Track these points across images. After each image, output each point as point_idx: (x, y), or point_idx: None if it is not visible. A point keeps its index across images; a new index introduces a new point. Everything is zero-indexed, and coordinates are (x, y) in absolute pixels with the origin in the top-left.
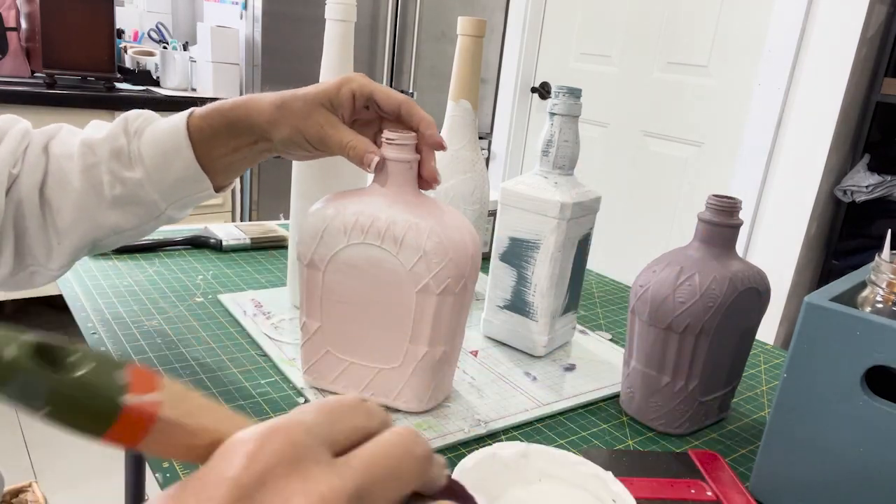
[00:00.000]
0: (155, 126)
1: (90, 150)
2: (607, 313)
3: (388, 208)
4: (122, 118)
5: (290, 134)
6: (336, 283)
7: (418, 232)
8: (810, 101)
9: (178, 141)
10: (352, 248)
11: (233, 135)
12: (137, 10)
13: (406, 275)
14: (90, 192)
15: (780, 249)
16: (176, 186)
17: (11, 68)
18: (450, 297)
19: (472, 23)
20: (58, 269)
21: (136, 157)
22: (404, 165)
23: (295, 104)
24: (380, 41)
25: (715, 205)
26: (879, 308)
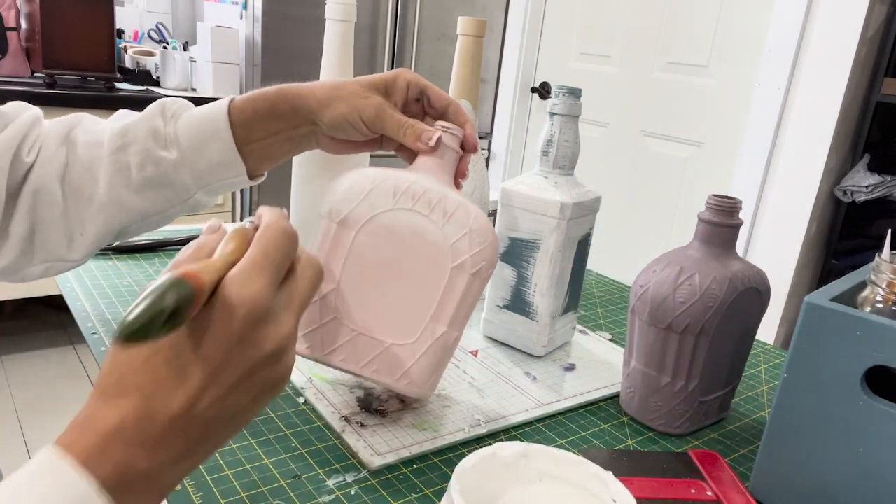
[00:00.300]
0: (192, 111)
1: (121, 134)
2: (607, 313)
3: (439, 184)
4: (159, 103)
5: (346, 112)
6: (367, 246)
7: (467, 211)
8: (810, 101)
9: (217, 123)
10: (397, 213)
11: (275, 117)
12: (137, 10)
13: (447, 249)
14: (117, 177)
15: (780, 249)
16: (210, 170)
17: (11, 68)
18: (478, 280)
19: (472, 23)
20: (80, 259)
21: (171, 138)
22: (452, 154)
23: (351, 86)
24: (380, 41)
25: (715, 205)
26: (879, 308)
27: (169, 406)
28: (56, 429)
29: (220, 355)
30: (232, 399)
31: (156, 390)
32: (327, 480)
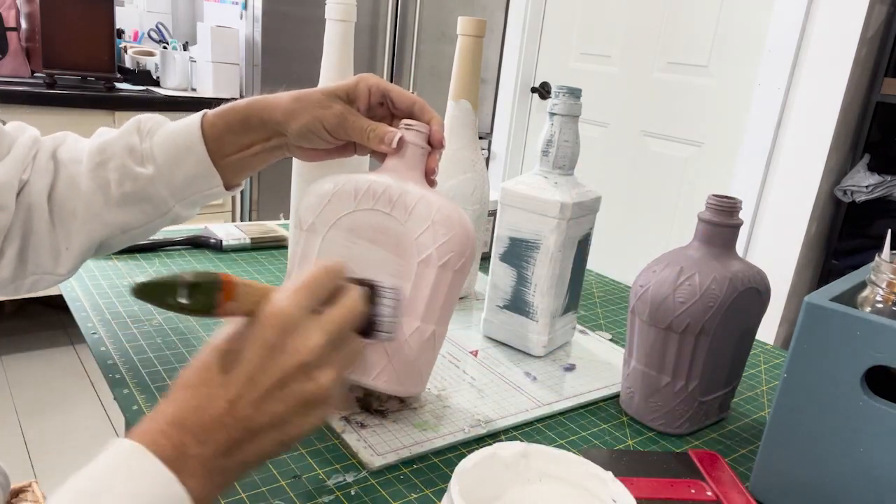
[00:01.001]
0: (167, 127)
1: (100, 151)
2: (607, 313)
3: (400, 182)
4: (135, 120)
5: (308, 122)
6: (334, 250)
7: (428, 203)
8: (810, 101)
9: (191, 138)
10: (359, 214)
11: (247, 130)
12: (137, 10)
13: (411, 244)
14: (97, 193)
15: (780, 249)
16: (186, 183)
17: (11, 68)
18: (449, 272)
19: (472, 23)
20: (66, 273)
21: (147, 154)
22: (418, 150)
23: (314, 96)
24: (380, 41)
25: (715, 205)
26: (879, 308)
27: (214, 401)
28: (56, 429)
29: (256, 360)
30: (269, 405)
31: (205, 387)
32: (327, 480)
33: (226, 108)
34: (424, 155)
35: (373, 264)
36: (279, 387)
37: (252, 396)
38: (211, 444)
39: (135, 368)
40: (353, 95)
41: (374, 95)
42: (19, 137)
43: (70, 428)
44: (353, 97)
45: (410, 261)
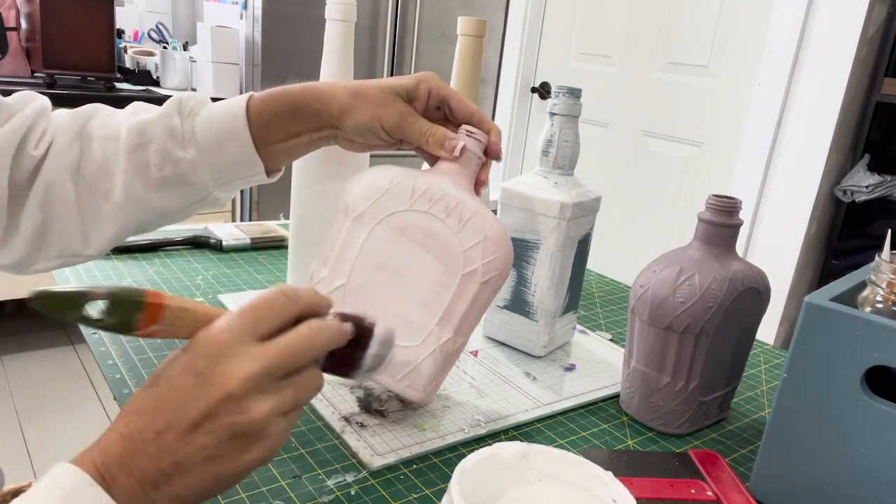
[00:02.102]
0: (210, 108)
1: (139, 132)
2: (607, 313)
3: (458, 190)
4: (176, 99)
5: (367, 120)
6: (379, 245)
7: (483, 219)
8: (810, 101)
9: (235, 123)
10: (412, 214)
11: (296, 120)
12: (137, 10)
13: (459, 255)
14: (136, 175)
15: (780, 249)
16: (228, 169)
17: (11, 68)
18: (488, 289)
19: (472, 23)
20: (95, 254)
21: (189, 137)
22: (475, 159)
23: (373, 92)
24: (380, 41)
25: (715, 205)
26: (879, 308)
27: (143, 431)
28: (56, 429)
29: (183, 389)
30: (197, 437)
31: (136, 416)
32: (327, 480)
33: (275, 93)
34: (478, 165)
35: (415, 266)
36: (208, 419)
37: (179, 428)
38: (136, 475)
39: (135, 369)
40: (412, 95)
41: (433, 98)
42: (24, 108)
43: (70, 428)
44: (413, 97)
45: (455, 271)
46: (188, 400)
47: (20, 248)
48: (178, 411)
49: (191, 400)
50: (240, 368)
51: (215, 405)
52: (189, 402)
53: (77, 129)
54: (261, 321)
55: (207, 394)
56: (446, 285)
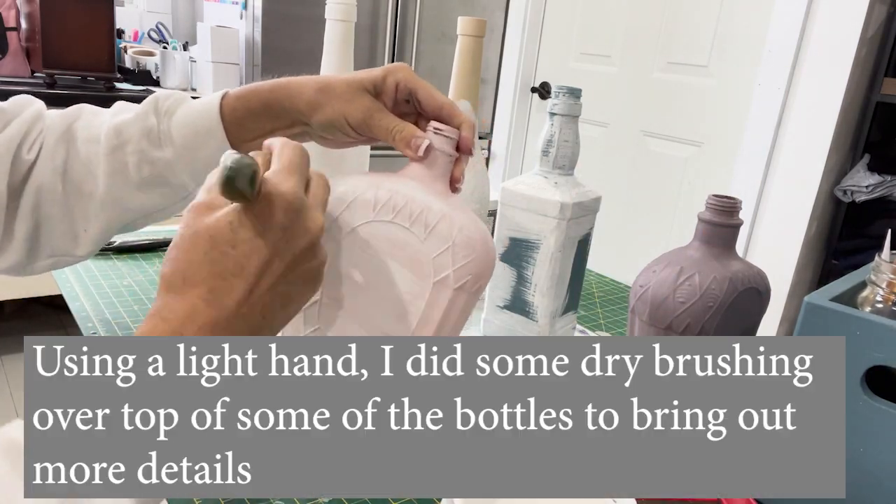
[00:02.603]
0: (186, 106)
1: (117, 133)
2: (607, 313)
3: (424, 194)
4: (153, 98)
5: (332, 117)
6: (348, 259)
7: (451, 223)
8: (810, 101)
9: (210, 121)
10: (376, 225)
11: (269, 117)
12: (137, 10)
13: (428, 263)
14: (116, 176)
15: (780, 249)
16: (206, 167)
17: (11, 68)
18: (464, 294)
19: (472, 23)
20: (85, 255)
21: (165, 136)
22: (446, 158)
23: (339, 87)
24: (380, 41)
25: (715, 205)
26: (879, 308)
27: (232, 293)
28: None
29: (270, 245)
30: (282, 287)
31: (219, 280)
32: None
33: (248, 90)
34: (451, 162)
35: (387, 278)
36: (292, 267)
37: (268, 282)
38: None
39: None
40: (380, 88)
41: (401, 92)
42: (21, 114)
43: None
44: (381, 90)
45: (426, 279)
46: (276, 254)
47: (16, 252)
48: (266, 267)
49: (278, 254)
50: (313, 222)
51: (299, 255)
52: (276, 255)
53: (63, 130)
54: (304, 175)
55: (294, 245)
56: (418, 294)
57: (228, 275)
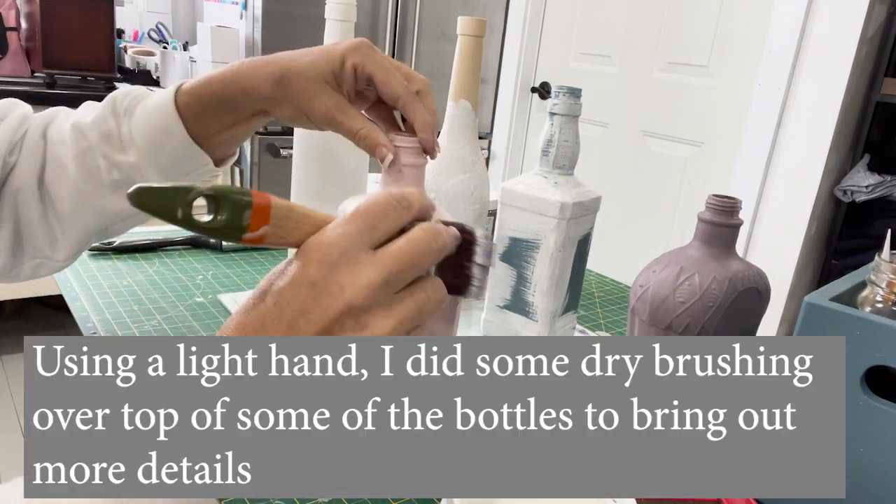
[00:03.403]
0: (145, 104)
1: (81, 135)
2: (607, 313)
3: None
4: (110, 98)
5: (293, 115)
6: None
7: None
8: (810, 101)
9: (167, 119)
10: None
11: (227, 111)
12: (137, 10)
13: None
14: (87, 179)
15: (780, 249)
16: (174, 165)
17: (11, 68)
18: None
19: (472, 23)
20: (64, 260)
21: (127, 139)
22: (412, 170)
23: (297, 81)
24: (380, 41)
25: (715, 205)
26: (879, 308)
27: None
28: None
29: (295, 302)
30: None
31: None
32: None
33: (200, 84)
34: (422, 169)
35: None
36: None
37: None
38: None
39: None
40: (339, 77)
41: (360, 80)
42: (8, 115)
43: None
44: (341, 80)
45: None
46: (302, 313)
47: (1, 256)
48: (290, 329)
49: (304, 314)
50: (358, 276)
51: (333, 319)
52: (303, 316)
53: (40, 133)
54: (375, 227)
55: (325, 306)
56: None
57: (249, 329)
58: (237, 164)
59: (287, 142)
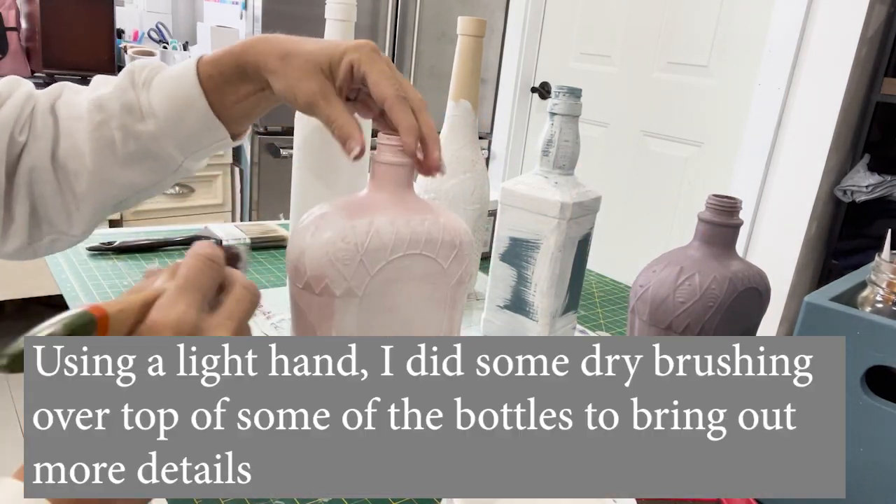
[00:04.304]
0: (163, 75)
1: (98, 108)
2: (607, 313)
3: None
4: (128, 70)
5: (283, 91)
6: (371, 308)
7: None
8: (810, 101)
9: (189, 90)
10: (391, 265)
11: (242, 80)
12: (137, 10)
13: (441, 273)
14: (103, 152)
15: (780, 249)
16: (192, 137)
17: (11, 68)
18: (463, 285)
19: (472, 23)
20: (81, 234)
21: (147, 109)
22: (400, 168)
23: (297, 60)
24: (380, 41)
25: (715, 205)
26: (879, 308)
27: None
28: None
29: None
30: None
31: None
32: None
33: (220, 55)
34: (409, 168)
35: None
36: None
37: None
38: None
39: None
40: (335, 69)
41: (355, 77)
42: (13, 94)
43: None
44: (336, 72)
45: (444, 288)
46: None
47: (20, 234)
48: None
49: None
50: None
51: None
52: None
53: (48, 109)
54: (205, 293)
55: None
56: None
57: None
58: (237, 164)
59: (287, 142)
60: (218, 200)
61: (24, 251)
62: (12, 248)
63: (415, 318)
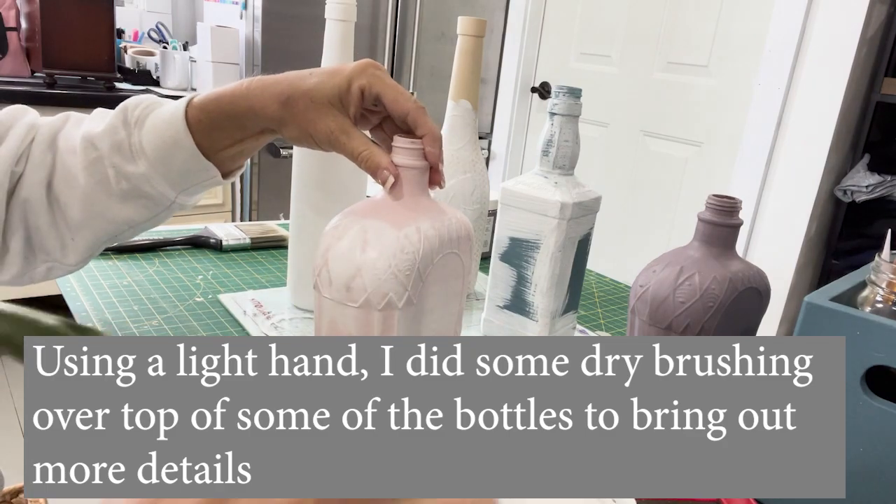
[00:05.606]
0: (156, 115)
1: (91, 145)
2: (607, 313)
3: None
4: (122, 108)
5: (298, 136)
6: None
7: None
8: (810, 101)
9: (177, 133)
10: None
11: (236, 127)
12: (137, 10)
13: (462, 267)
14: (97, 188)
15: (780, 249)
16: (182, 177)
17: (11, 68)
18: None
19: (472, 23)
20: (76, 264)
21: (137, 149)
22: (416, 171)
23: (301, 103)
24: (380, 41)
25: (715, 205)
26: (879, 308)
27: None
28: None
29: None
30: None
31: None
32: None
33: (209, 100)
34: (424, 171)
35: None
36: None
37: None
38: None
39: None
40: (345, 99)
41: (367, 99)
42: (15, 124)
43: None
44: (347, 102)
45: (461, 280)
46: None
47: (15, 263)
48: None
49: None
50: None
51: None
52: None
53: (49, 140)
54: None
55: None
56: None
57: None
58: None
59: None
60: (218, 200)
61: (19, 279)
62: (8, 277)
63: (445, 315)
